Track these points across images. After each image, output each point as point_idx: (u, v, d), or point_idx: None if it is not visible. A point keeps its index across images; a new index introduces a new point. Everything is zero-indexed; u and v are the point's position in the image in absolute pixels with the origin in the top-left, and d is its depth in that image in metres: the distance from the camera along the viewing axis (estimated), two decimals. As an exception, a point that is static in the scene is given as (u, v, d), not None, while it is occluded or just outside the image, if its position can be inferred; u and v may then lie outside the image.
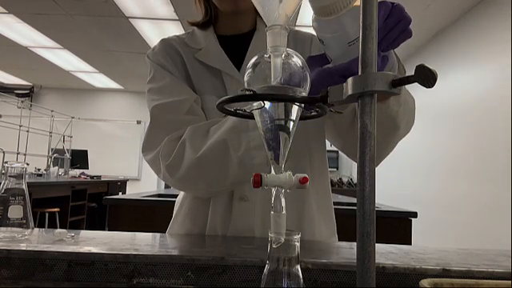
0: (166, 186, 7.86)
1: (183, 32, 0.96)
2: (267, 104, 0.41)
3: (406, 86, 0.71)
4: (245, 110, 0.47)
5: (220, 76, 0.86)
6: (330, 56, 0.57)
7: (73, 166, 6.69)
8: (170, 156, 0.77)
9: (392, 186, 5.54)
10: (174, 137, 0.78)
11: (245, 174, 0.73)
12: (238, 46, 0.90)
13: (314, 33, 0.59)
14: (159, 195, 2.82)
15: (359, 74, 0.32)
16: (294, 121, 0.42)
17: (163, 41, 0.92)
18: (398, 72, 0.63)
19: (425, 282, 0.43)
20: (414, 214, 2.30)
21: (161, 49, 0.90)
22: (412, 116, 0.77)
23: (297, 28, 0.99)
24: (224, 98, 0.41)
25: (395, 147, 0.80)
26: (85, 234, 0.79)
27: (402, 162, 5.14)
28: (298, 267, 0.39)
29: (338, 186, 6.80)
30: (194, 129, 0.77)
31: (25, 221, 0.70)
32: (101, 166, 7.66)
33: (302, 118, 0.44)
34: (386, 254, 0.67)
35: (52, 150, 6.52)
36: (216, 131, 0.75)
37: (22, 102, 6.74)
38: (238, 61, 0.87)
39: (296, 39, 0.92)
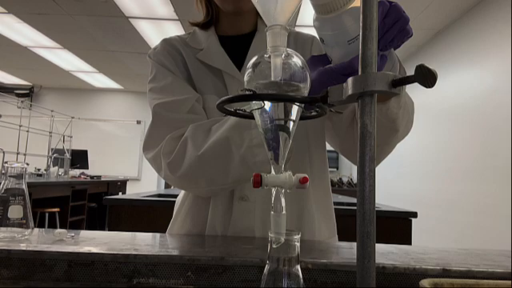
0: (167, 186, 7.87)
1: (183, 32, 0.96)
2: (267, 104, 0.41)
3: (406, 87, 0.71)
4: (245, 110, 0.47)
5: (221, 76, 0.86)
6: (330, 55, 0.57)
7: (73, 166, 6.69)
8: (171, 154, 0.77)
9: (392, 186, 5.54)
10: (175, 135, 0.78)
11: (246, 172, 0.73)
12: (239, 46, 0.90)
13: (314, 34, 0.59)
14: (159, 195, 2.82)
15: (359, 73, 0.32)
16: (294, 121, 0.42)
17: (165, 41, 0.93)
18: (399, 73, 0.63)
19: (425, 282, 0.43)
20: (414, 214, 2.30)
21: (162, 48, 0.90)
22: (411, 119, 0.78)
23: (297, 28, 0.99)
24: (224, 98, 0.41)
25: (394, 148, 0.81)
26: (85, 233, 0.79)
27: (401, 162, 5.14)
28: (298, 267, 0.39)
29: (338, 186, 6.80)
30: (195, 127, 0.78)
31: (25, 221, 0.70)
32: (101, 166, 7.66)
33: (302, 117, 0.45)
34: (386, 254, 0.67)
35: (52, 150, 6.52)
36: (218, 129, 0.75)
37: (21, 102, 6.74)
38: (239, 61, 0.87)
39: (297, 40, 0.92)
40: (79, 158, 6.87)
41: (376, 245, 0.31)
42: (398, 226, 2.26)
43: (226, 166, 0.74)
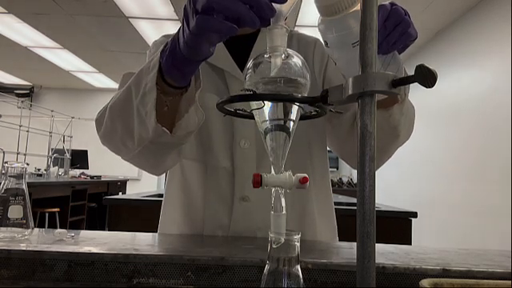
0: (166, 186, 7.84)
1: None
2: (267, 104, 0.41)
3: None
4: (245, 110, 0.47)
5: (223, 76, 0.86)
6: (334, 57, 0.57)
7: (73, 166, 6.69)
8: (99, 112, 0.75)
9: (392, 186, 5.54)
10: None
11: (142, 125, 0.64)
12: (242, 46, 0.89)
13: (317, 35, 0.59)
14: (159, 195, 2.81)
15: (359, 73, 0.32)
16: (294, 121, 0.42)
17: (166, 36, 0.93)
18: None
19: (425, 282, 0.43)
20: (414, 214, 2.30)
21: (162, 40, 0.90)
22: (412, 125, 0.78)
23: (297, 28, 0.99)
24: (224, 98, 0.41)
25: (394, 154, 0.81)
26: (85, 233, 0.79)
27: (401, 162, 5.14)
28: (298, 267, 0.39)
29: (338, 186, 6.79)
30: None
31: (25, 221, 0.70)
32: (101, 166, 7.64)
33: (302, 117, 0.45)
34: (386, 254, 0.67)
35: (52, 150, 6.52)
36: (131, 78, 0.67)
37: (21, 102, 6.73)
38: (242, 61, 0.87)
39: (299, 42, 0.92)
40: (79, 158, 6.86)
41: (376, 245, 0.31)
42: (397, 225, 2.25)
43: (128, 120, 0.66)
